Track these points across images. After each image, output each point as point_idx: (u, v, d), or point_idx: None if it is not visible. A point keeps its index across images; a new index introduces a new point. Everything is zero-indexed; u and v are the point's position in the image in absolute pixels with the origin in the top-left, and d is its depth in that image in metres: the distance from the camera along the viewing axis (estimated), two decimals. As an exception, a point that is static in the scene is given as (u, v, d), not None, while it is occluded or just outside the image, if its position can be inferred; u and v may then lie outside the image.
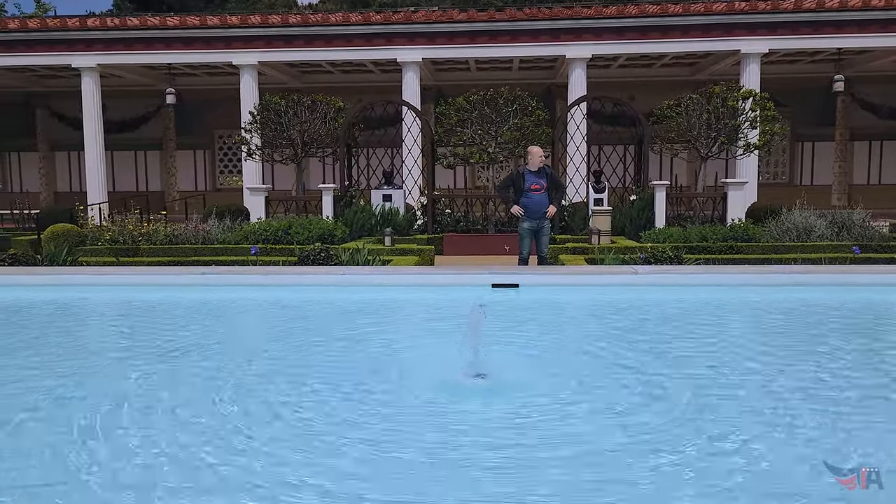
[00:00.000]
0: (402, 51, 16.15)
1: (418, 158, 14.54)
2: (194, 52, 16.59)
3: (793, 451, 2.92)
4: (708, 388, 3.92)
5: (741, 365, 4.45)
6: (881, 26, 15.47)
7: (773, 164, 20.67)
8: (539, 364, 4.54)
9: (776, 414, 3.44)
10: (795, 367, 4.38)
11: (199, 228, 11.39)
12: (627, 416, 3.47)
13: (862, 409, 3.56)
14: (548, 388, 3.97)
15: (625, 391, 3.89)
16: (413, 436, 3.26)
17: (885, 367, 4.41)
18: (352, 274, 7.56)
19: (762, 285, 7.09)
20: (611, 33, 15.87)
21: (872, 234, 10.86)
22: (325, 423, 3.40)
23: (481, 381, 4.00)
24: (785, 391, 3.83)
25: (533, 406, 3.66)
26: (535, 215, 8.30)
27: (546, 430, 3.30)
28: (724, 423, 3.33)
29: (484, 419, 3.50)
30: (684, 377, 4.18)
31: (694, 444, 3.04)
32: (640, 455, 2.92)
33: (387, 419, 3.46)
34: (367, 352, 4.95)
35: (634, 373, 4.25)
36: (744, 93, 13.01)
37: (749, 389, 3.91)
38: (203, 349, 5.03)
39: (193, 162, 21.48)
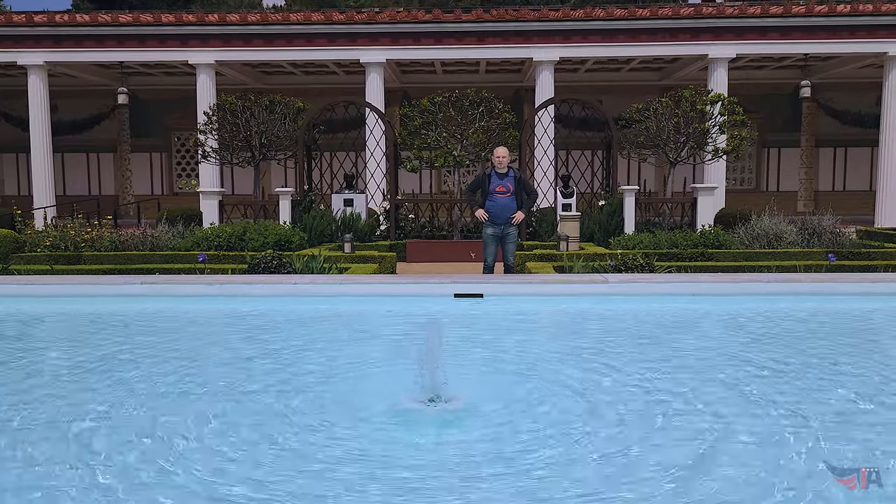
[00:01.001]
0: (366, 51, 15.67)
1: (381, 162, 14.06)
2: (148, 50, 15.90)
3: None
4: (687, 412, 3.52)
5: (723, 383, 4.06)
6: (848, 32, 15.44)
7: (739, 170, 20.62)
8: (502, 386, 4.09)
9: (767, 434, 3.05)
10: (794, 384, 4.01)
11: (146, 234, 10.75)
12: (597, 453, 3.03)
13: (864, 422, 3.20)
14: (509, 416, 3.53)
15: (595, 421, 3.46)
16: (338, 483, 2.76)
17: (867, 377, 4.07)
18: (304, 283, 7.06)
19: (740, 294, 6.77)
20: (578, 36, 15.59)
21: (843, 241, 10.68)
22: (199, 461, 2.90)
23: (433, 407, 3.55)
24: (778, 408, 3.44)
25: (489, 440, 3.20)
26: (500, 220, 7.87)
27: (504, 470, 2.84)
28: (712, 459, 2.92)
29: (434, 458, 3.03)
30: (660, 399, 3.77)
31: (675, 479, 2.62)
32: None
33: (299, 457, 2.98)
34: (302, 371, 4.47)
35: (607, 394, 3.83)
36: (713, 97, 12.80)
37: (736, 409, 3.52)
38: (109, 366, 4.50)
39: (149, 165, 20.70)
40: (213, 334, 5.92)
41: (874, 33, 15.38)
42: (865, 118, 18.77)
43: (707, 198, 11.79)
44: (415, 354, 4.12)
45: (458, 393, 3.66)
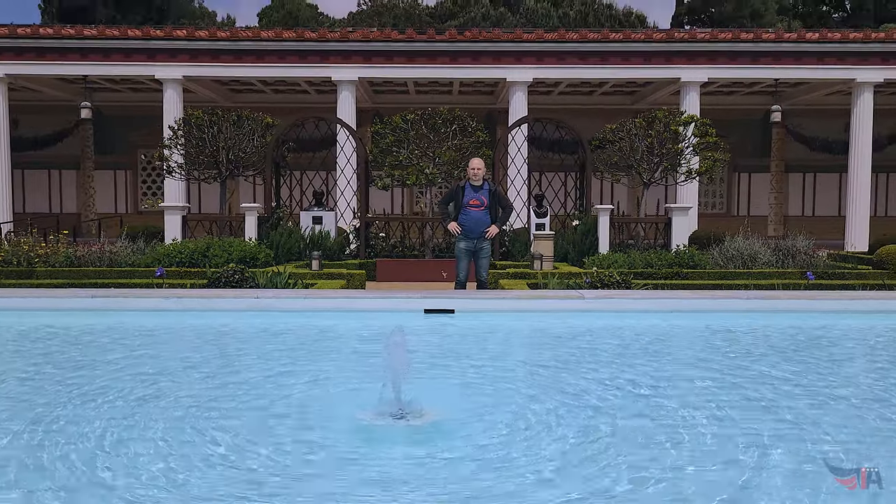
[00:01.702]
0: (338, 69, 15.45)
1: (352, 179, 13.77)
2: (113, 64, 15.50)
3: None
4: (669, 434, 3.25)
5: (705, 403, 3.80)
6: (817, 58, 15.64)
7: (711, 194, 20.72)
8: (470, 406, 3.78)
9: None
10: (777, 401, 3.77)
11: (104, 249, 10.29)
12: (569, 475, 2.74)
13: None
14: (475, 436, 3.22)
15: (564, 446, 3.16)
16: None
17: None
18: (267, 298, 6.71)
19: (719, 311, 6.57)
20: (552, 57, 15.56)
21: (817, 262, 10.61)
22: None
23: (397, 424, 3.24)
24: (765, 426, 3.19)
25: (453, 458, 2.90)
26: (473, 234, 7.59)
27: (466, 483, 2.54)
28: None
29: (393, 474, 2.71)
30: (637, 417, 3.50)
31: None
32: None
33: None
34: (257, 385, 4.13)
35: (582, 418, 3.55)
36: (685, 118, 12.78)
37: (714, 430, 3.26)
38: (37, 383, 4.12)
39: (114, 182, 20.15)
40: (167, 350, 5.54)
41: (843, 60, 15.60)
42: (833, 144, 18.99)
43: (681, 218, 11.69)
44: (380, 370, 3.81)
45: (423, 409, 3.37)
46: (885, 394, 4.00)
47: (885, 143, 18.95)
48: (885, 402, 3.78)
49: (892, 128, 19.37)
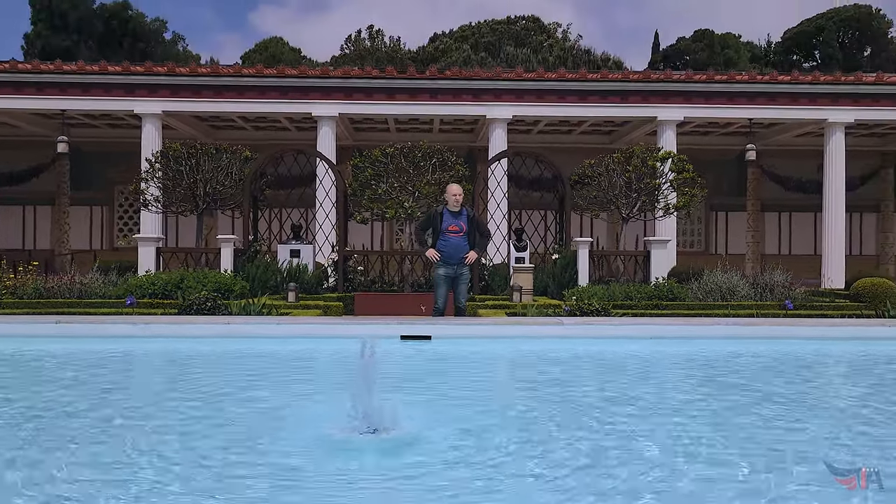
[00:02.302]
0: (318, 105, 15.49)
1: (330, 213, 13.68)
2: (92, 98, 15.42)
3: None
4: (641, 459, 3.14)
5: (682, 431, 3.71)
6: (789, 99, 15.96)
7: (689, 232, 20.88)
8: (438, 425, 3.65)
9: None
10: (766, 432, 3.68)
11: (74, 280, 10.05)
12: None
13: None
14: (441, 451, 3.10)
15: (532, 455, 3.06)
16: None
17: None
18: (238, 324, 6.54)
19: (699, 337, 6.50)
20: (531, 95, 15.74)
21: (796, 295, 10.62)
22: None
23: (367, 438, 3.11)
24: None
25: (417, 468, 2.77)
26: (453, 260, 7.50)
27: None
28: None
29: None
30: (604, 438, 3.40)
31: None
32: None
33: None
34: (224, 408, 3.97)
35: (547, 438, 3.44)
36: (663, 154, 12.92)
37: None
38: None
39: (89, 219, 19.88)
40: (137, 376, 5.35)
41: (815, 101, 15.93)
42: (807, 184, 19.26)
43: (660, 251, 11.70)
44: (353, 390, 3.68)
45: (394, 425, 3.25)
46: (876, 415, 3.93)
47: (857, 183, 19.27)
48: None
49: (864, 169, 19.73)
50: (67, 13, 34.83)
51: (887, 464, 2.67)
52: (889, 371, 5.44)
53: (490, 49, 40.29)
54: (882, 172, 20.32)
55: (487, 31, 42.77)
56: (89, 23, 35.40)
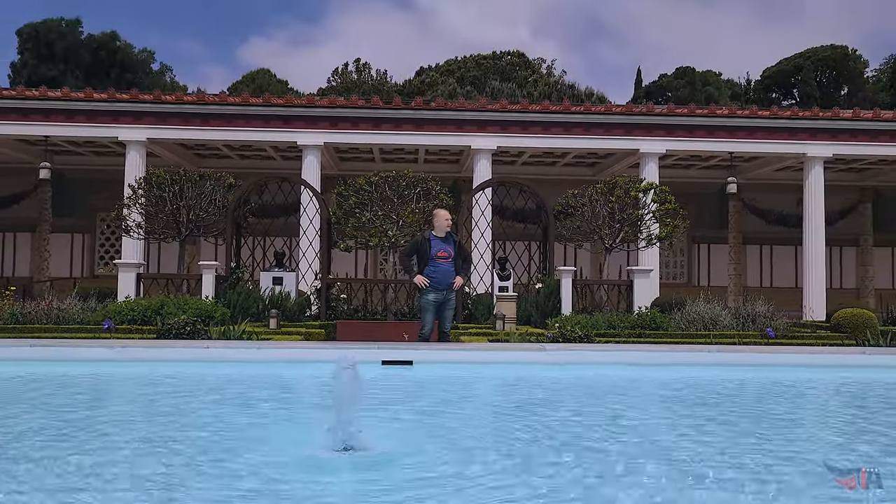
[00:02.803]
0: (304, 134, 15.54)
1: (314, 241, 13.64)
2: (76, 125, 15.38)
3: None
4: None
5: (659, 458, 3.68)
6: (768, 133, 16.23)
7: (672, 265, 21.00)
8: (415, 445, 3.61)
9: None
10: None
11: (51, 306, 9.91)
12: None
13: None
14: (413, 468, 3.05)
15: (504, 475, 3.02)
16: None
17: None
18: (218, 348, 6.46)
19: (683, 364, 6.49)
20: (516, 127, 15.89)
21: (778, 325, 10.66)
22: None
23: (343, 455, 3.07)
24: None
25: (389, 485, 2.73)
26: (442, 286, 7.46)
27: None
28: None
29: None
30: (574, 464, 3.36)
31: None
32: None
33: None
34: (202, 427, 3.90)
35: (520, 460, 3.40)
36: (645, 185, 13.05)
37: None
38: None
39: (70, 246, 19.68)
40: (112, 398, 5.24)
41: (794, 135, 16.21)
42: (788, 218, 19.52)
43: (643, 280, 11.75)
44: (331, 411, 3.64)
45: (369, 445, 3.22)
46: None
47: (837, 217, 19.55)
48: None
49: (844, 203, 20.04)
50: (54, 42, 34.96)
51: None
52: (870, 396, 5.45)
53: (476, 83, 40.80)
54: (861, 207, 20.63)
55: (473, 65, 43.38)
56: (76, 53, 35.53)
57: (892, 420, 4.39)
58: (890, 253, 21.07)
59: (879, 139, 16.23)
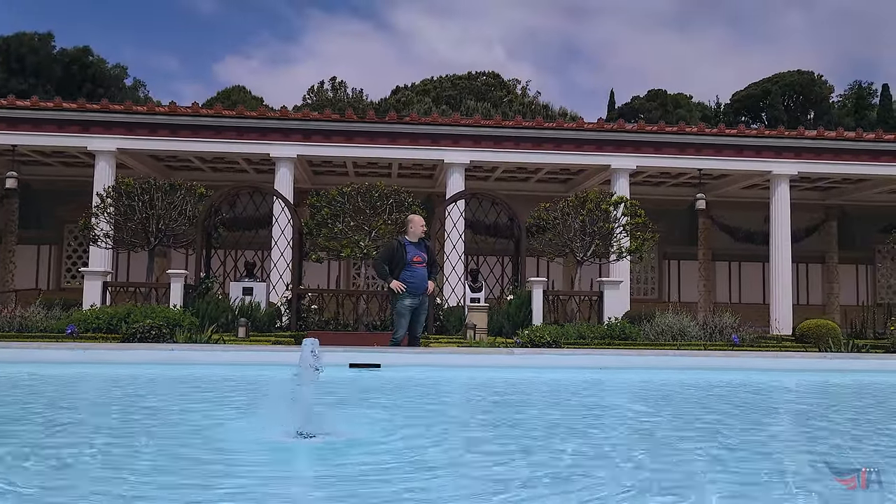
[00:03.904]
0: (276, 146, 15.51)
1: (286, 251, 13.57)
2: (44, 134, 15.19)
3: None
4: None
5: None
6: (735, 151, 16.56)
7: (643, 280, 21.22)
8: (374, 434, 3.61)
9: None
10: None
11: (14, 314, 9.72)
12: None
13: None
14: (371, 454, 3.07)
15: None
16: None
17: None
18: (183, 350, 6.39)
19: (649, 367, 6.55)
20: (489, 141, 16.04)
21: (744, 336, 10.83)
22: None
23: (305, 442, 3.07)
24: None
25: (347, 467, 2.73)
26: (419, 290, 7.49)
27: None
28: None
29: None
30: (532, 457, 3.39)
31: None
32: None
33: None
34: (174, 423, 3.86)
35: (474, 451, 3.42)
36: (616, 199, 13.21)
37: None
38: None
39: (37, 258, 19.35)
40: (80, 397, 5.15)
41: (760, 153, 16.56)
42: (755, 235, 19.86)
43: (613, 291, 11.86)
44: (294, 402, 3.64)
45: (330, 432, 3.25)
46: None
47: (803, 235, 19.94)
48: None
49: (809, 221, 20.45)
50: (25, 56, 34.57)
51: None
52: (829, 396, 5.55)
53: (451, 103, 41.08)
54: (826, 225, 21.06)
55: (449, 85, 43.71)
56: (48, 67, 35.15)
57: (849, 417, 4.47)
58: (854, 270, 21.52)
59: (842, 157, 16.64)
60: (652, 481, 2.57)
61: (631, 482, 2.57)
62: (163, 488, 2.42)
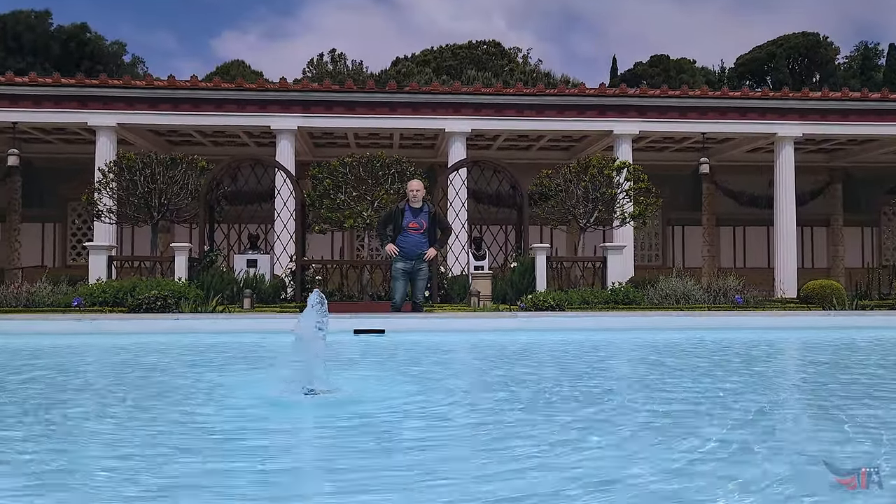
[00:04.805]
0: (277, 118, 15.43)
1: (289, 223, 13.57)
2: (44, 110, 15.13)
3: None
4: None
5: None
6: (739, 114, 16.40)
7: (647, 247, 21.18)
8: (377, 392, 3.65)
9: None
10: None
11: (20, 289, 9.78)
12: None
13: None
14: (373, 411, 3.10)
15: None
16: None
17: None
18: (186, 319, 6.43)
19: (652, 328, 6.57)
20: (490, 109, 15.91)
21: (748, 298, 10.83)
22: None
23: (307, 397, 3.11)
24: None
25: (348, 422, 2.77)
26: (411, 256, 7.51)
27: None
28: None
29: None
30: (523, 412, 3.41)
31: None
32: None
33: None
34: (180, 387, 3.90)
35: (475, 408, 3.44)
36: (618, 164, 13.13)
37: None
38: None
39: (41, 235, 19.40)
40: (91, 365, 5.19)
41: (764, 115, 16.40)
42: (759, 199, 19.75)
43: (616, 256, 11.85)
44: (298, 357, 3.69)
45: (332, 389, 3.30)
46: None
47: (807, 198, 19.83)
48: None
49: (814, 184, 20.31)
50: (22, 34, 34.32)
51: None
52: (829, 352, 5.56)
53: (452, 73, 40.71)
54: (831, 188, 20.93)
55: (449, 55, 43.28)
56: (46, 45, 34.91)
57: (849, 373, 4.48)
58: (860, 232, 21.42)
59: (848, 118, 16.47)
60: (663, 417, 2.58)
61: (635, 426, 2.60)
62: (174, 436, 2.46)
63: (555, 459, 2.19)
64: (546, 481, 1.91)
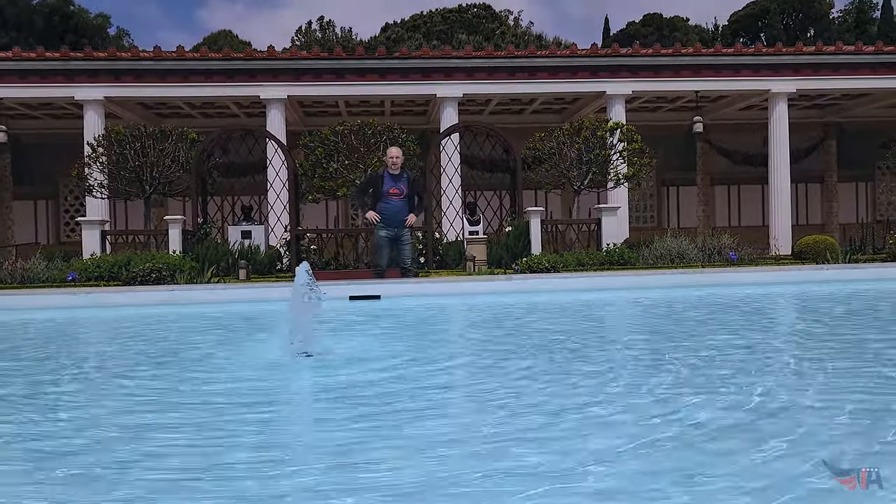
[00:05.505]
0: (266, 87, 15.26)
1: (282, 193, 13.52)
2: (29, 86, 14.94)
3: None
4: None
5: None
6: (733, 71, 16.26)
7: (642, 208, 21.17)
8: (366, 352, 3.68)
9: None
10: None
11: (15, 266, 9.76)
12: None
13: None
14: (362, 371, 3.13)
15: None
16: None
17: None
18: (182, 291, 6.43)
19: (647, 287, 6.60)
20: (482, 73, 15.75)
21: (742, 255, 10.85)
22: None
23: (304, 359, 3.14)
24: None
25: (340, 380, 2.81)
26: (393, 222, 7.51)
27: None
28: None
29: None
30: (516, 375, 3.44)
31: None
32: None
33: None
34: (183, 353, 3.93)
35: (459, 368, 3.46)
36: (611, 125, 13.06)
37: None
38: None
39: (34, 213, 19.31)
40: (89, 336, 5.21)
41: (757, 72, 16.27)
42: (753, 158, 19.70)
43: (611, 218, 11.85)
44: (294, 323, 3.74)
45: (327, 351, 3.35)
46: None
47: (802, 155, 19.77)
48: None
49: (808, 141, 20.24)
50: (4, 9, 33.74)
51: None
52: (822, 304, 5.60)
53: (442, 37, 40.26)
54: (825, 144, 20.86)
55: (439, 19, 42.76)
56: (28, 19, 34.35)
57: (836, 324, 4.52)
58: (854, 188, 21.42)
59: (841, 72, 16.35)
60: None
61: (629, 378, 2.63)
62: (179, 395, 2.49)
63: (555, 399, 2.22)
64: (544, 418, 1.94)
